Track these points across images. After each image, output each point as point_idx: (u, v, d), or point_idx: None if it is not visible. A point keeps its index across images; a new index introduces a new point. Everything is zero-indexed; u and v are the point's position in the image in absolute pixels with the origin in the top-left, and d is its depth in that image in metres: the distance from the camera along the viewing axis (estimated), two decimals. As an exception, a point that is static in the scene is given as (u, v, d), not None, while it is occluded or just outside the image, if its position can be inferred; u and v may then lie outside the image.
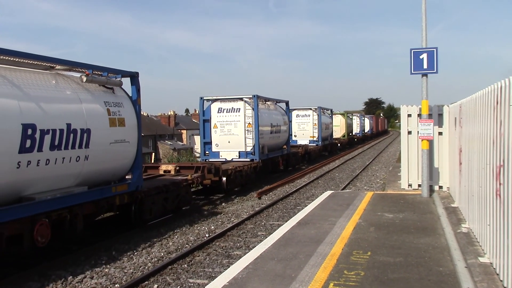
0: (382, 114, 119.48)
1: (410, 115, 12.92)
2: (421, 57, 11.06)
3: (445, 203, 10.57)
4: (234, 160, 19.98)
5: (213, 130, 20.37)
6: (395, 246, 7.19)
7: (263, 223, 12.55)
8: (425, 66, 11.06)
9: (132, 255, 9.63)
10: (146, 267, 8.83)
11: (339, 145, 44.71)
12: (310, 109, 34.93)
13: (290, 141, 26.96)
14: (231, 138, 20.16)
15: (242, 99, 20.25)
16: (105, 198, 10.25)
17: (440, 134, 12.47)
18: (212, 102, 20.55)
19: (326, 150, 39.09)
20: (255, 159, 20.03)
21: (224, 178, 17.05)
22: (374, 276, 5.80)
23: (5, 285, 7.77)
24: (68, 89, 9.52)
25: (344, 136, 48.34)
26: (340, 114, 50.09)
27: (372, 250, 6.96)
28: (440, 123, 12.45)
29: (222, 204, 15.95)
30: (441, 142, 12.45)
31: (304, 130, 34.69)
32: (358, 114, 63.91)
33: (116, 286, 7.90)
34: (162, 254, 9.66)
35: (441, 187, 12.55)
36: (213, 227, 12.11)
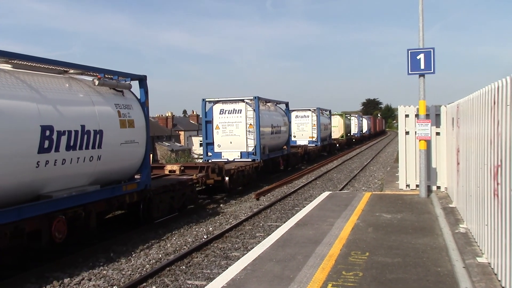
0: (379, 115, 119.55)
1: (407, 116, 12.93)
2: (418, 57, 11.08)
3: (443, 204, 10.58)
4: (236, 160, 20.24)
5: (215, 131, 20.67)
6: (393, 246, 7.19)
7: (261, 224, 12.54)
8: (422, 67, 11.08)
9: (130, 257, 9.61)
10: (144, 269, 8.81)
11: (338, 145, 44.83)
12: (309, 110, 35.34)
13: (290, 141, 27.27)
14: (233, 138, 20.45)
15: (243, 101, 20.56)
16: (116, 197, 10.66)
17: (437, 134, 12.48)
18: (214, 103, 20.85)
19: (325, 150, 39.22)
20: (257, 159, 20.32)
21: (227, 178, 17.29)
22: (372, 276, 5.80)
23: (2, 287, 7.75)
24: (81, 92, 9.94)
25: (342, 136, 48.44)
26: (338, 114, 50.16)
27: (370, 251, 6.96)
28: (437, 123, 12.47)
29: (220, 205, 15.94)
30: (438, 142, 12.46)
31: (303, 131, 35.03)
32: (356, 115, 64.06)
33: (114, 288, 7.89)
34: (160, 256, 9.65)
35: (439, 188, 12.56)
36: (211, 229, 12.10)
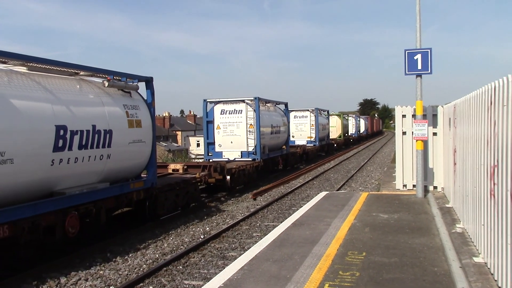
0: (376, 115, 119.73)
1: (404, 116, 12.95)
2: (415, 58, 11.10)
3: (439, 203, 10.60)
4: (236, 159, 20.57)
5: (216, 131, 21.06)
6: (390, 246, 7.20)
7: (258, 224, 12.54)
8: (419, 67, 11.11)
9: (127, 257, 9.59)
10: (141, 269, 8.79)
11: (336, 145, 44.97)
12: (308, 110, 35.78)
13: (289, 141, 27.60)
14: (234, 138, 20.84)
15: (244, 101, 20.96)
16: (124, 194, 11.07)
17: (434, 134, 12.51)
18: (215, 104, 21.26)
19: (323, 150, 39.38)
20: (257, 159, 20.69)
21: (228, 177, 17.59)
22: (369, 276, 5.81)
23: (-1, 287, 7.73)
24: (91, 93, 10.30)
25: (340, 136, 48.53)
26: (336, 115, 50.26)
27: (367, 251, 6.96)
28: (434, 124, 12.50)
29: (217, 205, 15.93)
30: (435, 143, 12.49)
31: (301, 131, 35.44)
32: (354, 115, 64.14)
33: (110, 288, 7.87)
34: (157, 256, 9.63)
35: (435, 188, 12.59)
36: (208, 228, 12.08)
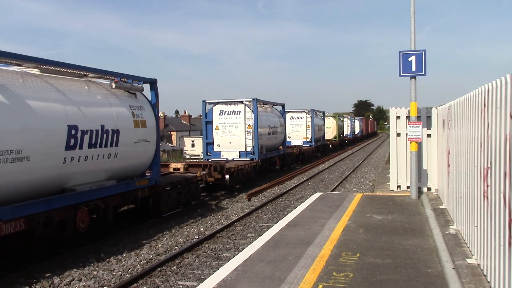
0: (371, 116, 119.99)
1: (399, 117, 12.99)
2: (409, 59, 11.14)
3: (433, 205, 10.64)
4: (235, 159, 20.87)
5: (215, 131, 21.42)
6: (384, 247, 7.22)
7: (253, 225, 12.53)
8: (413, 68, 11.15)
9: (120, 257, 9.55)
10: (135, 269, 8.76)
11: (331, 146, 45.14)
12: (304, 111, 36.17)
13: (286, 142, 27.92)
14: (232, 139, 21.19)
15: (242, 102, 21.31)
16: (130, 191, 11.55)
17: (428, 136, 12.56)
18: (214, 105, 21.60)
19: (319, 151, 39.66)
20: (255, 159, 21.02)
21: (227, 176, 17.89)
22: (363, 277, 5.82)
23: (-9, 287, 7.68)
24: (99, 94, 10.72)
25: (335, 137, 48.74)
26: (331, 116, 50.45)
27: (361, 252, 6.98)
28: (428, 125, 12.54)
29: (212, 205, 15.91)
30: (429, 144, 12.54)
31: (298, 132, 35.84)
32: (349, 116, 64.41)
33: (104, 288, 7.84)
34: (151, 256, 9.60)
35: (429, 189, 12.64)
36: (202, 229, 12.06)
